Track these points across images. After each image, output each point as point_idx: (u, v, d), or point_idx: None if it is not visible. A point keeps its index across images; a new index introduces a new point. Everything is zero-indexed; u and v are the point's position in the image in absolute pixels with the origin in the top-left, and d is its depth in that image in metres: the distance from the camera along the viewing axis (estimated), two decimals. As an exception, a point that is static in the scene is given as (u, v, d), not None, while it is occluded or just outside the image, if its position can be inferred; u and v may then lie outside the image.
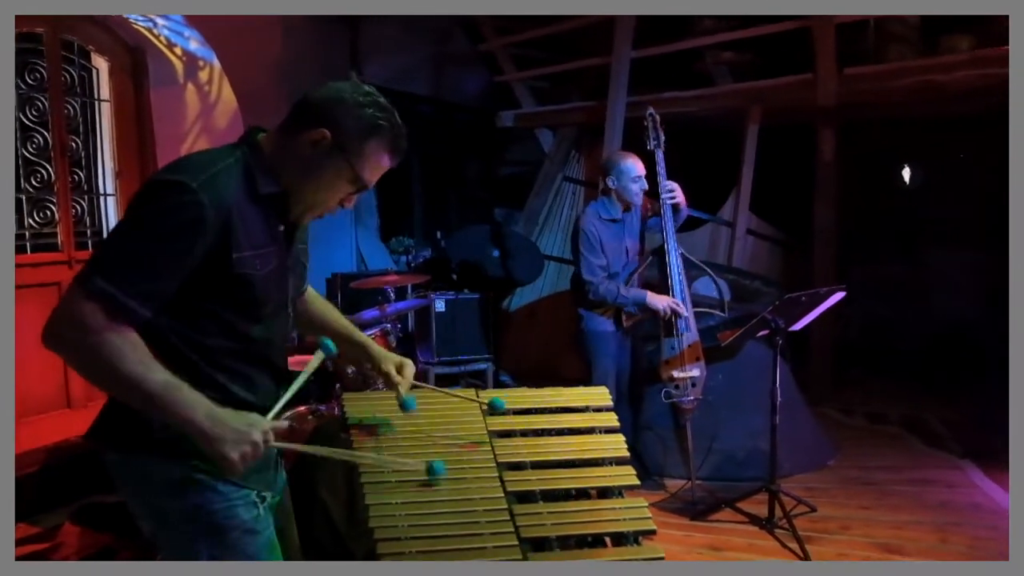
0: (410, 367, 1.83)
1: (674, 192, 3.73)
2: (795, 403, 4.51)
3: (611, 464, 1.64)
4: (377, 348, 1.86)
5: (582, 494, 1.53)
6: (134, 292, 1.34)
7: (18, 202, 4.32)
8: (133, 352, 1.34)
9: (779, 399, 3.49)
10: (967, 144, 6.20)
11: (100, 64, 4.85)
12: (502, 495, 1.48)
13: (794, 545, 3.29)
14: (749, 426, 4.12)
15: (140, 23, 4.83)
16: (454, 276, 6.00)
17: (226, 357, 1.54)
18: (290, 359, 3.80)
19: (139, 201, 1.41)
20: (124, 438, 1.52)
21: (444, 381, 5.07)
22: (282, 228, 1.59)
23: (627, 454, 1.68)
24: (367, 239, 6.78)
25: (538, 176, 6.76)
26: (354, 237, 6.77)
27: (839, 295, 3.54)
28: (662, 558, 1.23)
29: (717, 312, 4.03)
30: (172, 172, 1.43)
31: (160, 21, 4.87)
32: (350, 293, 5.17)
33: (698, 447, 4.10)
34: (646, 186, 3.80)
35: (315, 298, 1.94)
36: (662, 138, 3.76)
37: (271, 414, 1.51)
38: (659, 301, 3.69)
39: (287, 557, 1.77)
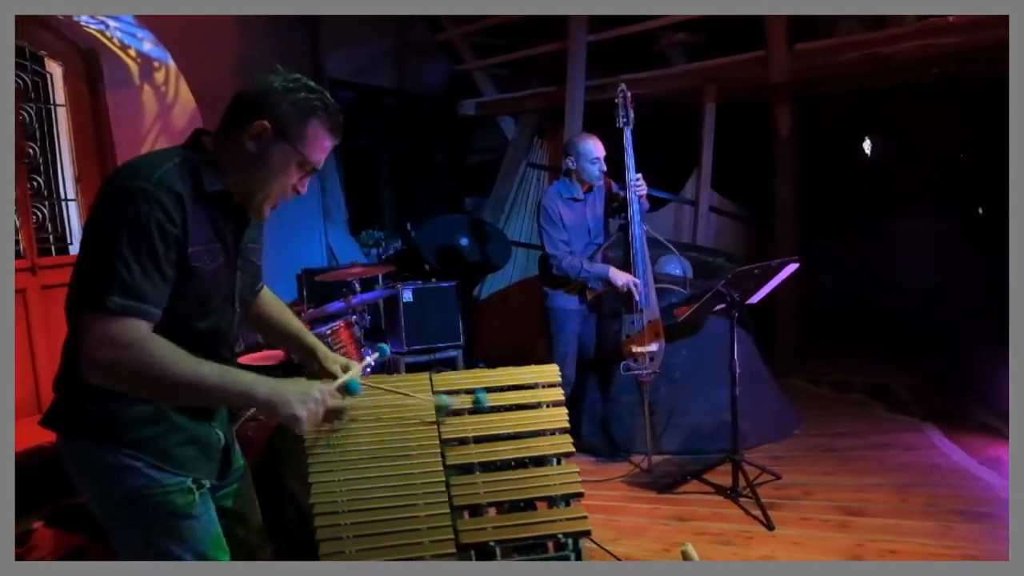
0: (356, 368, 1.89)
1: (642, 184, 3.81)
2: (759, 375, 4.61)
3: (550, 435, 1.69)
4: (323, 350, 1.93)
5: (520, 464, 1.59)
6: (149, 299, 1.42)
7: (-24, 211, 4.30)
8: (177, 353, 1.43)
9: (738, 371, 3.57)
10: (920, 114, 6.31)
11: (54, 69, 4.82)
12: (441, 469, 1.53)
13: (758, 512, 3.38)
14: (714, 400, 4.20)
15: (92, 25, 4.80)
16: (427, 266, 6.04)
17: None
18: (255, 355, 3.84)
19: (103, 214, 1.47)
20: (68, 423, 1.59)
21: (415, 369, 5.11)
22: (231, 227, 1.65)
23: (567, 425, 1.74)
24: (336, 234, 6.80)
25: (503, 163, 6.78)
26: (323, 232, 6.79)
27: (792, 267, 3.61)
28: (585, 517, 1.29)
29: (678, 289, 4.12)
30: (130, 179, 1.48)
31: (112, 23, 4.84)
32: (317, 288, 5.20)
33: (663, 422, 4.19)
34: (604, 168, 3.88)
35: (271, 300, 1.99)
36: (631, 116, 3.82)
37: (334, 385, 1.64)
38: (619, 277, 3.80)
39: (248, 543, 1.82)
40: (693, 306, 3.57)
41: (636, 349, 3.85)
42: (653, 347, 3.85)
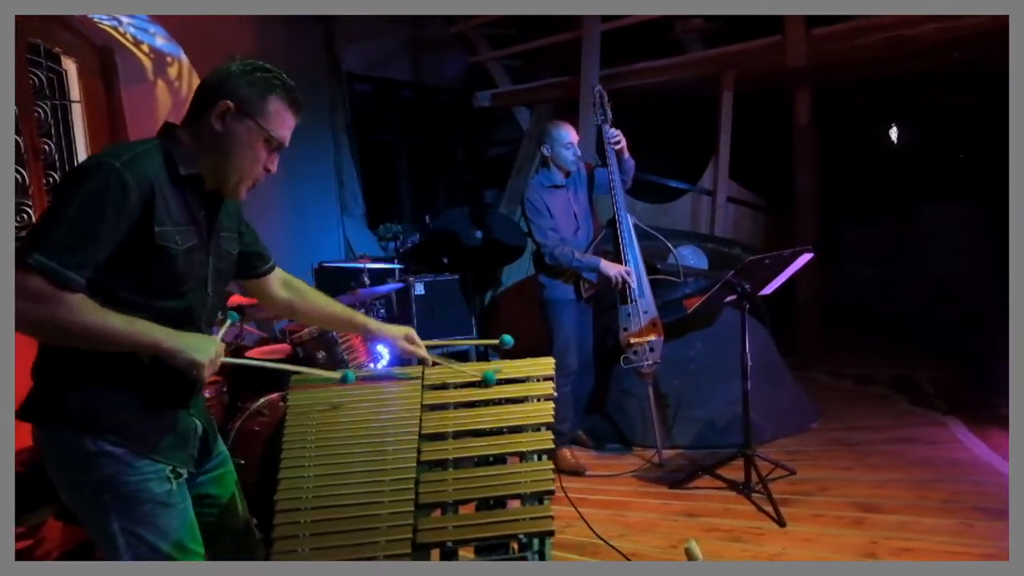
0: (413, 333, 2.02)
1: (619, 138, 3.79)
2: (775, 368, 4.51)
3: (532, 431, 1.64)
4: (377, 324, 2.05)
5: (499, 460, 1.54)
6: (69, 262, 1.45)
7: (-8, 207, 4.35)
8: (86, 305, 1.47)
9: (749, 364, 3.48)
10: (945, 99, 6.13)
11: (69, 66, 4.86)
12: (413, 465, 1.49)
13: (770, 508, 3.29)
14: (729, 393, 4.11)
15: (105, 22, 4.82)
16: (444, 260, 6.00)
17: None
18: (263, 348, 3.84)
19: (67, 182, 1.54)
20: (44, 412, 1.60)
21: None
22: (203, 212, 1.69)
23: (550, 419, 1.69)
24: (353, 227, 6.80)
25: (518, 155, 6.73)
26: (340, 226, 6.80)
27: (806, 257, 3.52)
28: (550, 517, 1.24)
29: (674, 279, 4.06)
30: (96, 156, 1.56)
31: (125, 19, 4.87)
32: (330, 281, 5.21)
33: (674, 415, 4.12)
34: (579, 152, 3.87)
35: (306, 290, 2.08)
36: (609, 114, 3.85)
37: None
38: (611, 268, 3.77)
39: (232, 530, 1.81)
40: (702, 297, 3.49)
41: (634, 340, 3.80)
42: (652, 338, 3.79)
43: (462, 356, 5.25)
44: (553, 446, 1.56)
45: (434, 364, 1.95)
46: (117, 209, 1.49)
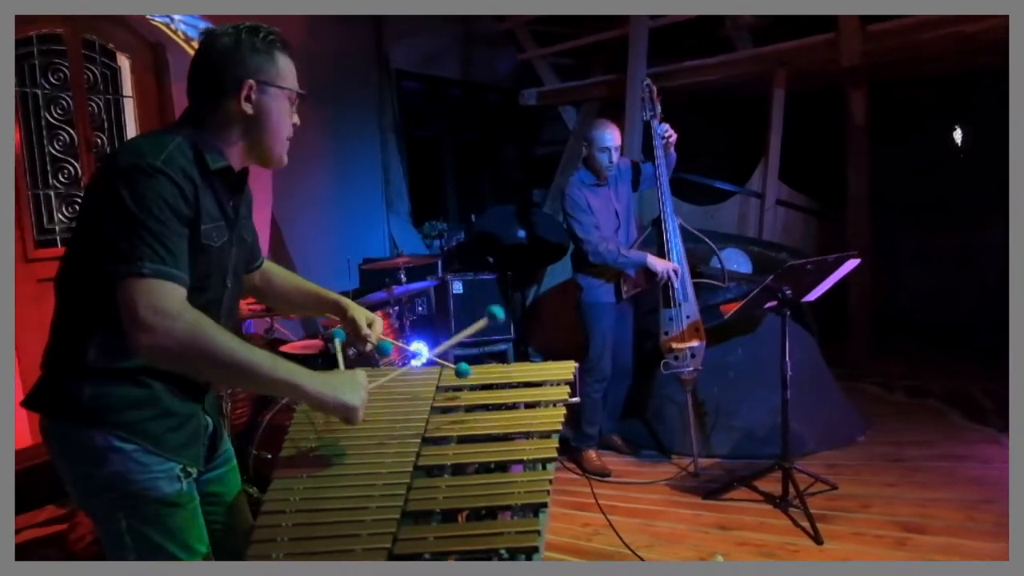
0: (379, 323, 1.95)
1: (669, 132, 3.70)
2: (821, 377, 4.36)
3: (538, 438, 1.59)
4: (347, 301, 1.96)
5: (500, 468, 1.49)
6: (179, 265, 1.43)
7: (47, 198, 4.49)
8: (226, 333, 1.41)
9: (789, 373, 3.34)
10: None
11: (123, 62, 4.98)
12: (410, 470, 1.45)
13: (807, 524, 3.17)
14: (769, 402, 3.96)
15: (158, 19, 4.93)
16: (490, 260, 5.97)
17: None
18: (295, 344, 3.85)
19: (125, 188, 1.42)
20: (53, 405, 1.57)
21: (464, 362, 5.06)
22: (231, 202, 1.66)
23: (558, 427, 1.63)
24: (399, 225, 6.83)
25: (563, 154, 6.65)
26: (386, 223, 6.83)
27: (852, 263, 3.37)
28: (537, 533, 1.18)
29: (718, 284, 3.94)
30: (138, 157, 1.46)
31: (177, 17, 4.96)
32: (371, 277, 5.22)
33: (712, 423, 4.01)
34: (615, 158, 3.75)
35: (279, 271, 2.01)
36: (658, 109, 3.73)
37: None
38: (658, 264, 3.68)
39: (236, 530, 1.79)
40: (740, 302, 3.37)
41: (675, 346, 3.69)
42: (694, 343, 3.68)
43: (500, 356, 5.21)
44: (556, 455, 1.50)
45: (371, 352, 1.90)
46: (176, 210, 1.45)
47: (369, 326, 1.92)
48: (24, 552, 3.02)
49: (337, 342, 1.91)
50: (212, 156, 1.56)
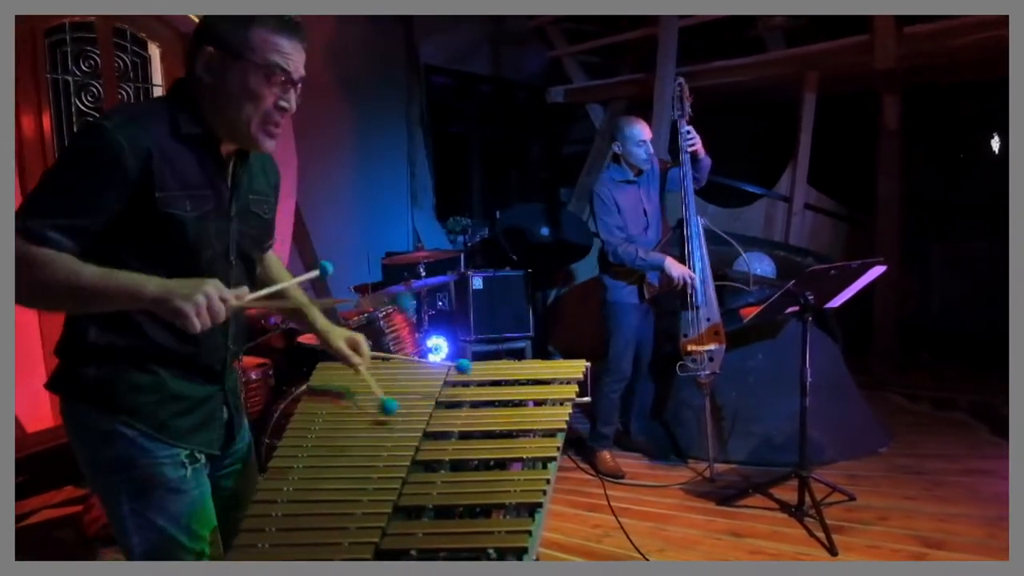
0: (364, 344, 1.85)
1: (693, 139, 3.64)
2: (843, 386, 4.28)
3: (540, 436, 1.56)
4: (324, 322, 1.87)
5: (500, 465, 1.47)
6: (54, 225, 1.39)
7: (76, 185, 4.55)
8: (58, 260, 1.38)
9: (810, 379, 3.28)
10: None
11: (153, 51, 5.03)
12: (406, 464, 1.43)
13: (822, 535, 3.11)
14: (789, 409, 3.89)
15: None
16: (513, 257, 5.95)
17: None
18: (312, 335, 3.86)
19: (70, 141, 1.50)
20: (66, 386, 1.58)
21: (482, 359, 5.05)
22: (224, 172, 1.60)
23: (562, 426, 1.60)
24: (422, 219, 6.83)
25: (590, 153, 6.61)
26: (409, 217, 6.84)
27: (878, 270, 3.30)
28: (528, 533, 1.16)
29: (742, 287, 3.89)
30: (101, 117, 1.48)
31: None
32: (391, 271, 5.23)
33: (729, 428, 3.96)
34: (651, 150, 3.74)
35: (269, 259, 1.93)
36: (687, 108, 3.69)
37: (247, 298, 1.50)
38: (675, 268, 3.65)
39: (239, 521, 1.78)
40: (758, 306, 3.32)
41: (693, 348, 3.65)
42: (712, 347, 3.63)
43: (518, 354, 5.19)
44: (556, 455, 1.47)
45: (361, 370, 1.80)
46: (108, 172, 1.41)
47: (354, 349, 1.83)
48: (39, 532, 3.05)
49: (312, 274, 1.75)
50: (185, 121, 1.52)
